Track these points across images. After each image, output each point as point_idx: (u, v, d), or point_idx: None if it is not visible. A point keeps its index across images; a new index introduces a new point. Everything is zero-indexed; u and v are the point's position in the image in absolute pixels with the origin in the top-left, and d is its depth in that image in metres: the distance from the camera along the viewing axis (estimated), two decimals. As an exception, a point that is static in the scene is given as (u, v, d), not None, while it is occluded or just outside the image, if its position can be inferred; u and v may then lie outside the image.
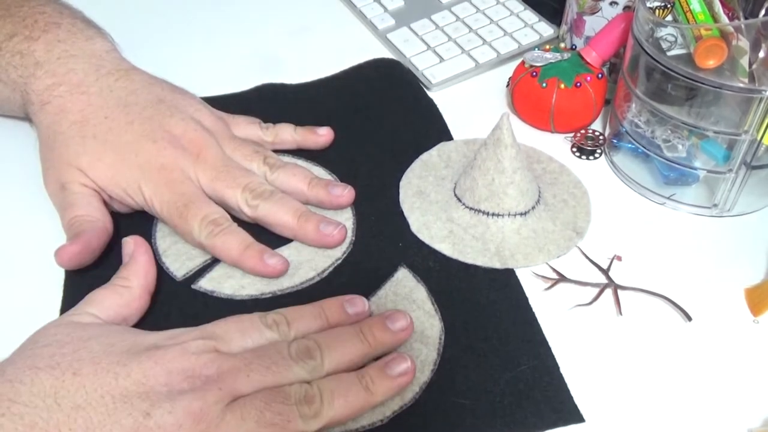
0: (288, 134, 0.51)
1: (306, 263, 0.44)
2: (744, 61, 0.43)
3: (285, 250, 0.45)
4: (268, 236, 0.46)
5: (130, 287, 0.40)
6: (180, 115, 0.46)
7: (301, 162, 0.51)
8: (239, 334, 0.36)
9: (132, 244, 0.41)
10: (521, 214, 0.46)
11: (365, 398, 0.35)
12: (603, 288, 0.43)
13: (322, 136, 0.51)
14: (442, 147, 0.52)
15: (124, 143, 0.45)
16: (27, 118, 0.49)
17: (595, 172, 0.51)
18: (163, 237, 0.46)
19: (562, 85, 0.51)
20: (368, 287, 0.43)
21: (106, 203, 0.45)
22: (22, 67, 0.47)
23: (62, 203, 0.45)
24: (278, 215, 0.44)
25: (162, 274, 0.43)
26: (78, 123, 0.45)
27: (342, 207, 0.47)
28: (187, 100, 0.48)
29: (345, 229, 0.45)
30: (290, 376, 0.35)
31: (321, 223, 0.45)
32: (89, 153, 0.45)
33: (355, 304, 0.40)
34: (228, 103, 0.52)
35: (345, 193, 0.47)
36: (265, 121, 0.51)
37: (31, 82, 0.47)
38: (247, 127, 0.50)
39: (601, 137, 0.53)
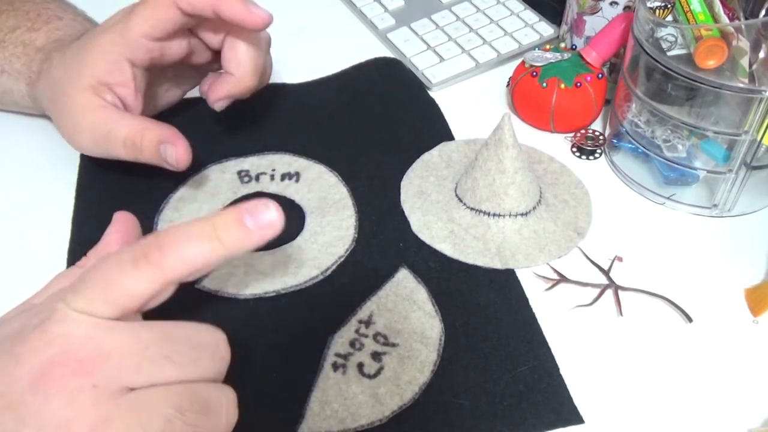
0: None
1: (309, 261, 0.44)
2: (744, 62, 0.43)
3: (288, 248, 0.45)
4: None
5: (83, 267, 0.35)
6: None
7: (302, 161, 0.51)
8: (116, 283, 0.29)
9: (112, 221, 0.37)
10: (522, 214, 0.46)
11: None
12: (604, 289, 0.43)
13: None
14: (443, 147, 0.52)
15: (104, 30, 0.44)
16: (32, 106, 0.50)
17: (595, 172, 0.51)
18: (164, 237, 0.46)
19: (562, 85, 0.51)
20: (369, 287, 0.43)
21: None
22: (26, 56, 0.48)
23: (104, 135, 0.43)
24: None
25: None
26: (61, 62, 0.45)
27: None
28: None
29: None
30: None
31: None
32: (76, 64, 0.44)
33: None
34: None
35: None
36: (266, 122, 0.51)
37: (32, 66, 0.48)
38: None
39: (601, 137, 0.53)
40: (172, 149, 0.43)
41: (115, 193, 0.48)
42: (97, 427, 0.27)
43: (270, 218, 0.31)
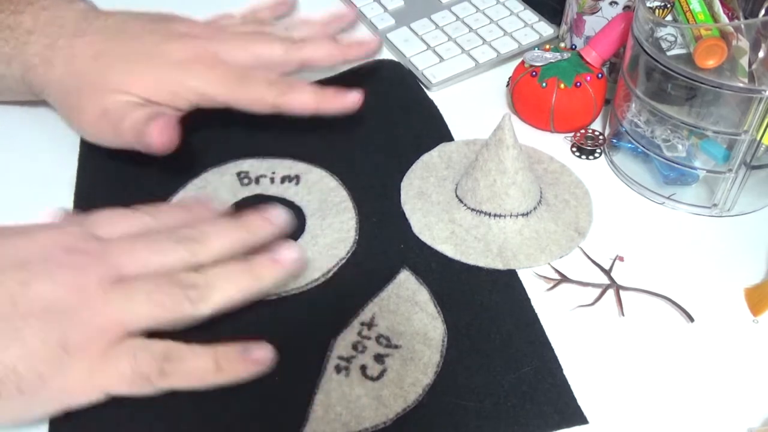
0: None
1: (310, 264, 0.44)
2: (744, 61, 0.43)
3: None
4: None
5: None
6: (178, 20, 0.49)
7: (301, 165, 0.51)
8: (120, 217, 0.38)
9: None
10: (523, 214, 0.46)
11: (252, 283, 0.36)
12: (605, 288, 0.44)
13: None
14: (442, 148, 0.52)
15: (147, 52, 0.45)
16: (25, 90, 0.49)
17: (595, 171, 0.52)
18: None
19: (562, 85, 0.51)
20: (371, 288, 0.43)
21: None
22: (14, 39, 0.47)
23: (113, 122, 0.44)
24: (320, 49, 0.49)
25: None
26: (92, 57, 0.45)
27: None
28: (174, 14, 0.50)
29: (379, 39, 0.51)
30: (176, 257, 0.35)
31: (355, 42, 0.50)
32: (120, 73, 0.45)
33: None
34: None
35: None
36: (266, 125, 0.51)
37: (26, 49, 0.47)
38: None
39: (600, 137, 0.53)
40: (153, 123, 0.43)
41: (114, 198, 0.48)
42: (98, 291, 0.32)
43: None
